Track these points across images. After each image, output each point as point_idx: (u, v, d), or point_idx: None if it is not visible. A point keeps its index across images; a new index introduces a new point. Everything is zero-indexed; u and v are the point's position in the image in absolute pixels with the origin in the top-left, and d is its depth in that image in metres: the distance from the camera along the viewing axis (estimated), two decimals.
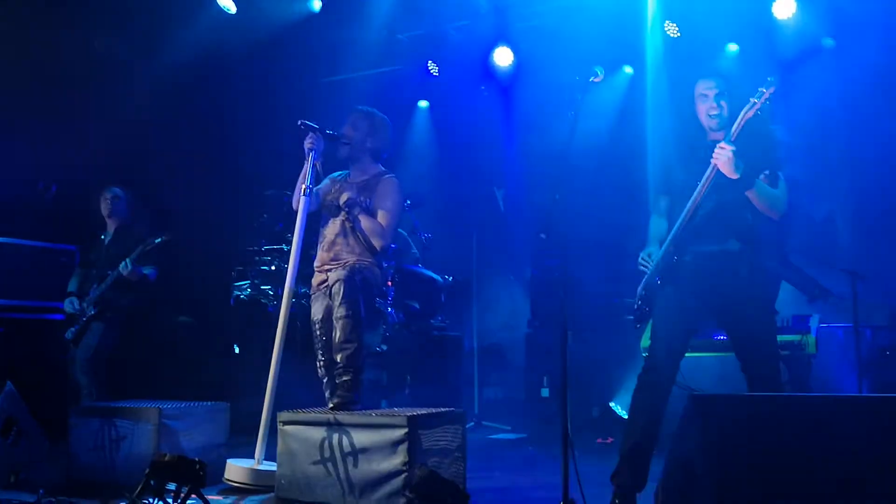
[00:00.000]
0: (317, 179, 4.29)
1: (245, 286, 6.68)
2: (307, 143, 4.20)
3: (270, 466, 4.05)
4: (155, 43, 7.12)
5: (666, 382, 3.42)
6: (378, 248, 4.17)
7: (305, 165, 4.19)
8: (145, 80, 7.28)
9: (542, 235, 3.21)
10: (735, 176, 3.27)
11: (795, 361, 4.93)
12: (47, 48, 6.24)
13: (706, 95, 3.47)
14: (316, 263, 4.29)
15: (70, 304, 5.41)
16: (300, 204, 4.19)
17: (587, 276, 6.34)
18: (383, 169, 4.39)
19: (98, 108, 6.52)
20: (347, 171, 4.42)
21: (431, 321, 6.84)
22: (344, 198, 4.17)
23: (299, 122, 4.18)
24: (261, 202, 6.86)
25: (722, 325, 3.65)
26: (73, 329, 5.36)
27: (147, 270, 5.38)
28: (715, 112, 3.45)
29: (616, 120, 7.41)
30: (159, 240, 5.21)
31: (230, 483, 4.08)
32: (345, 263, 4.11)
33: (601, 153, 7.62)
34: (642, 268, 3.57)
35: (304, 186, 4.16)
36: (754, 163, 3.34)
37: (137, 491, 3.30)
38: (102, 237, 5.61)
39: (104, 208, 5.58)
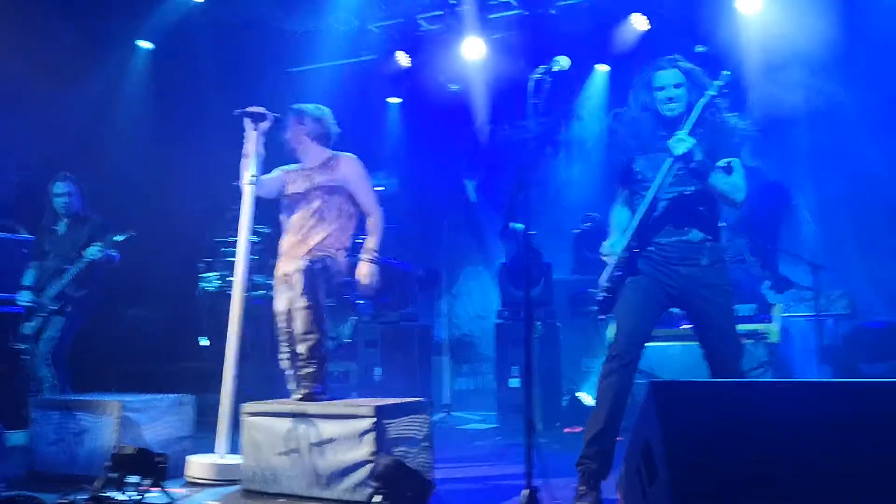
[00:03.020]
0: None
1: (212, 278, 6.61)
2: (256, 127, 4.16)
3: (234, 459, 4.01)
4: (119, 29, 7.01)
5: (630, 370, 3.43)
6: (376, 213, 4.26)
7: (247, 151, 4.15)
8: (112, 67, 7.18)
9: (510, 226, 3.20)
10: (692, 166, 3.29)
11: (759, 350, 5.01)
12: (8, 37, 6.11)
13: (665, 86, 3.48)
14: (279, 254, 4.25)
15: (27, 299, 5.25)
16: (249, 192, 4.11)
17: (557, 266, 6.39)
18: (335, 151, 4.35)
19: (61, 96, 6.41)
20: (300, 164, 4.37)
21: (402, 312, 6.83)
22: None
23: (236, 112, 4.16)
24: (230, 194, 6.79)
25: (684, 312, 3.68)
26: (32, 324, 5.24)
27: (114, 252, 5.28)
28: (673, 103, 3.46)
29: (585, 111, 7.47)
30: (122, 237, 5.15)
31: (193, 480, 4.03)
32: (305, 253, 4.07)
33: (571, 144, 7.68)
34: (605, 258, 3.59)
35: (251, 174, 4.09)
36: (711, 153, 3.37)
37: (99, 484, 3.26)
38: (56, 227, 5.42)
39: (60, 207, 5.38)
